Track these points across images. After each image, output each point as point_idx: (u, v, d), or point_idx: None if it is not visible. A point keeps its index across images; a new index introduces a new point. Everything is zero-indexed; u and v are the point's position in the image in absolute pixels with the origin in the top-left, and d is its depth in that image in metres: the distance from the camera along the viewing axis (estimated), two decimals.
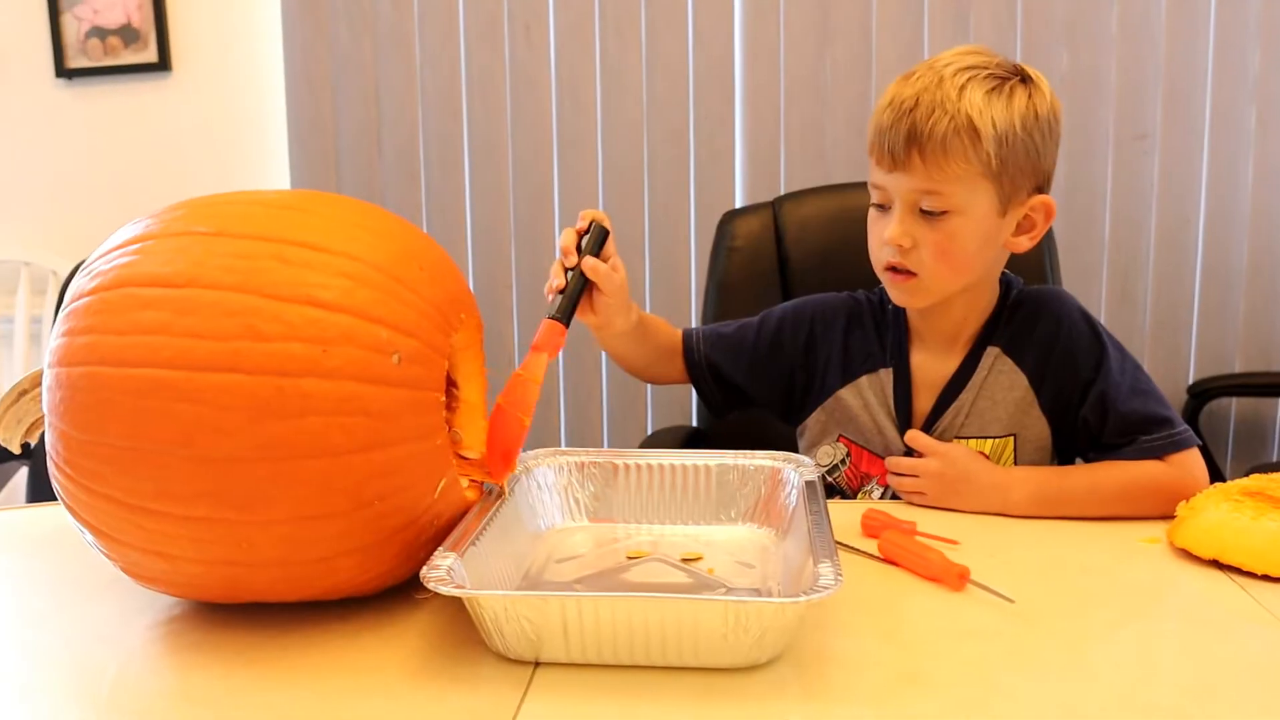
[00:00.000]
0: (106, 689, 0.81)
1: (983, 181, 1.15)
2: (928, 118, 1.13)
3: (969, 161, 1.13)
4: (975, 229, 1.17)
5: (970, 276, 1.21)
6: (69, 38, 2.62)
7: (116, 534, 0.84)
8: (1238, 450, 2.44)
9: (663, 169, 2.47)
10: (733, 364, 1.36)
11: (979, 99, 1.13)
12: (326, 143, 2.54)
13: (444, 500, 0.89)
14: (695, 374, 1.37)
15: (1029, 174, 1.18)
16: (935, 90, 1.14)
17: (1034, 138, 1.16)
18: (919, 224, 1.17)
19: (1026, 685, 0.79)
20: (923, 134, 1.13)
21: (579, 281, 1.13)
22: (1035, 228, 1.21)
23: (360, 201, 0.95)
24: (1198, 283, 2.40)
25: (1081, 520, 1.13)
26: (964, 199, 1.15)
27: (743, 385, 1.36)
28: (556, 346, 1.07)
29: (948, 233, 1.16)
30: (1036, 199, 1.20)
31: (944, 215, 1.16)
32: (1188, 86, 2.33)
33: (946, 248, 1.17)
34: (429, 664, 0.82)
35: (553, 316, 1.09)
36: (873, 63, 2.38)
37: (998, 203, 1.17)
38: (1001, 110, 1.14)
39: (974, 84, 1.14)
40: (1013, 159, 1.15)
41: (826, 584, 0.77)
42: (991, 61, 1.17)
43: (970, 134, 1.13)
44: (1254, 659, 0.83)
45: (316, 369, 0.80)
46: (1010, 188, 1.17)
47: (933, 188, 1.15)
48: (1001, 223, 1.19)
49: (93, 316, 0.83)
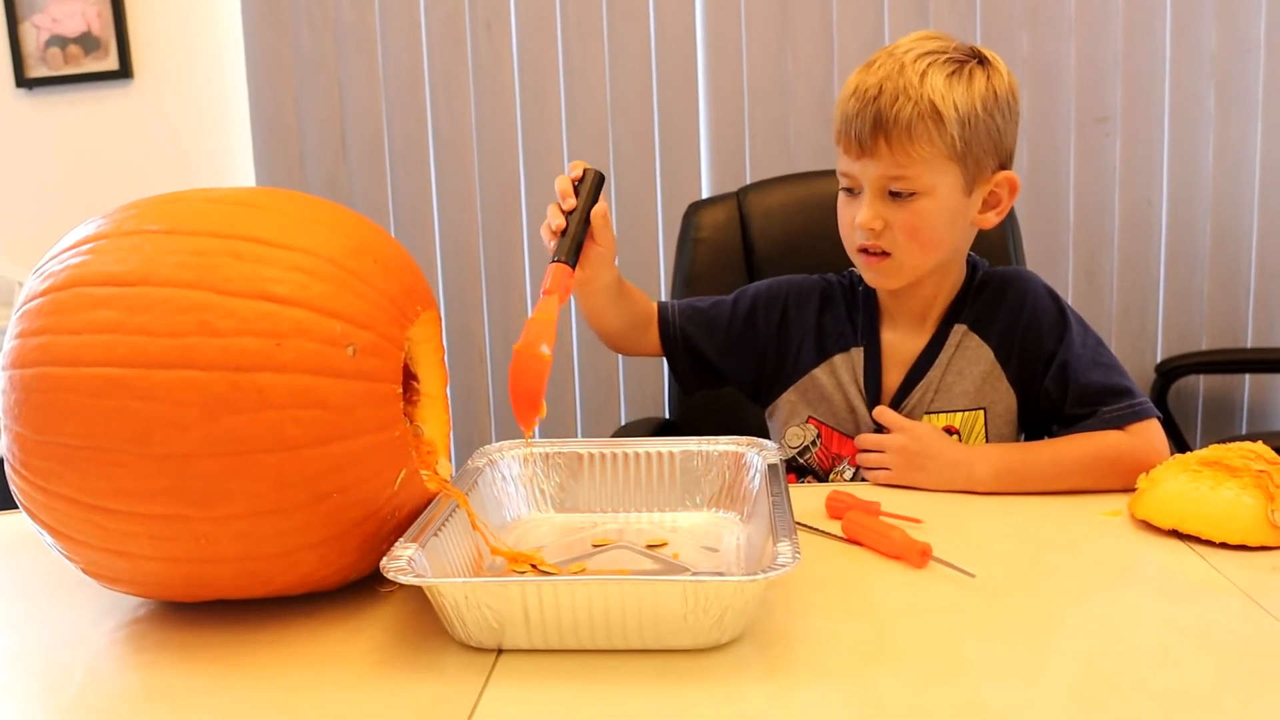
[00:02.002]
0: (72, 690, 0.80)
1: (948, 163, 1.18)
2: (892, 104, 1.16)
3: (934, 144, 1.16)
4: (943, 208, 1.19)
5: (941, 254, 1.24)
6: (28, 47, 2.60)
7: (75, 534, 0.84)
8: (1206, 427, 2.47)
9: (628, 163, 2.48)
10: (707, 338, 1.37)
11: (940, 83, 1.16)
12: (291, 145, 2.54)
13: (404, 492, 0.89)
14: (669, 346, 1.37)
15: (992, 153, 1.20)
16: (897, 77, 1.17)
17: (995, 118, 1.19)
18: (889, 206, 1.19)
19: (989, 656, 0.79)
20: (888, 120, 1.16)
21: (581, 223, 1.11)
22: (1001, 203, 1.24)
23: (313, 196, 0.95)
24: (1162, 263, 2.43)
25: (1044, 495, 1.14)
26: (931, 180, 1.18)
27: (715, 361, 1.37)
28: (567, 289, 1.06)
29: (917, 212, 1.19)
30: (1000, 175, 1.22)
31: (912, 197, 1.18)
32: (1147, 69, 2.36)
33: (917, 227, 1.19)
34: (392, 655, 0.82)
35: (558, 259, 1.07)
36: (834, 53, 2.39)
37: (963, 182, 1.20)
38: (963, 93, 1.16)
39: (934, 69, 1.17)
40: (976, 139, 1.18)
41: (784, 562, 0.78)
42: (949, 46, 1.20)
43: (934, 118, 1.15)
44: (1212, 625, 0.84)
45: (271, 363, 0.80)
46: (975, 167, 1.19)
47: (900, 172, 1.17)
48: (968, 201, 1.21)
49: (45, 317, 0.83)
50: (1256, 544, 0.97)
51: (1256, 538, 0.97)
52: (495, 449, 1.12)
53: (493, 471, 1.09)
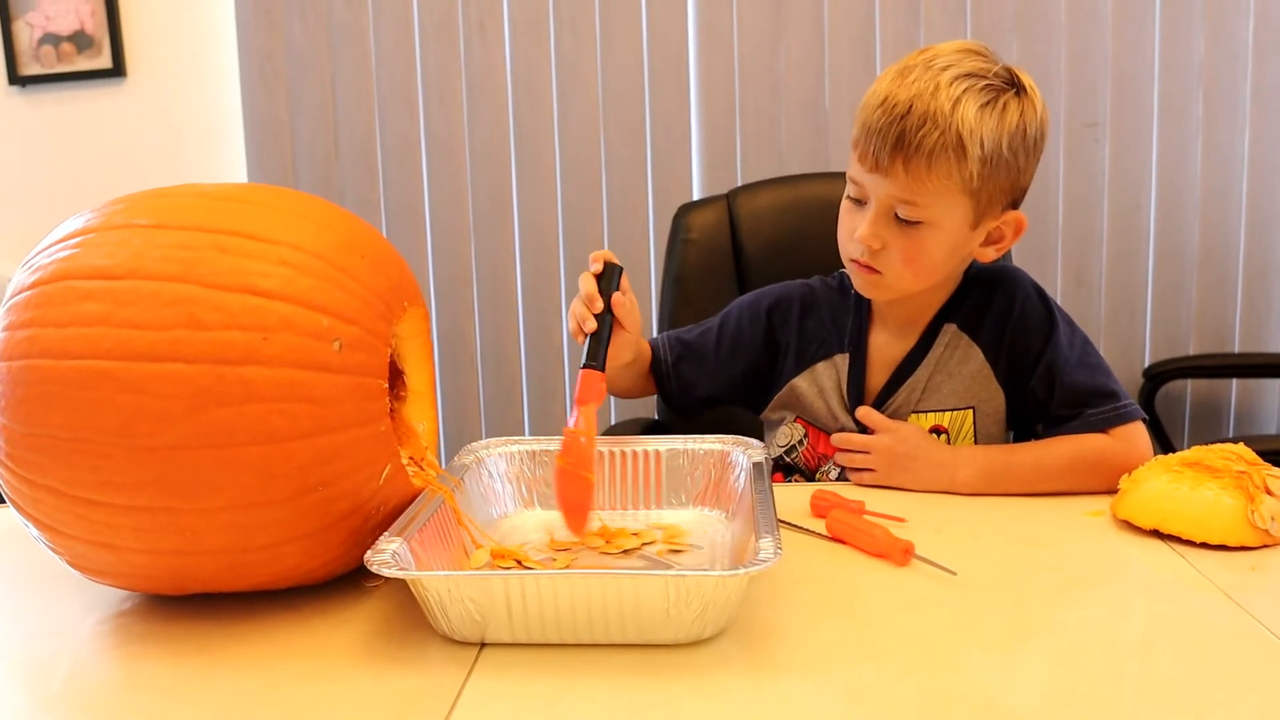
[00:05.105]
0: (58, 682, 0.81)
1: (960, 197, 1.15)
2: (918, 129, 1.12)
3: (951, 178, 1.13)
4: (945, 241, 1.18)
5: (932, 281, 1.23)
6: (21, 45, 2.59)
7: (61, 526, 0.84)
8: (1193, 432, 2.48)
9: (620, 164, 2.48)
10: (698, 371, 1.36)
11: (971, 115, 1.12)
12: (284, 144, 2.54)
13: (389, 486, 0.90)
14: (664, 386, 1.37)
15: (1006, 191, 1.18)
16: (930, 99, 1.12)
17: (1018, 157, 1.16)
18: (891, 228, 1.17)
19: (970, 651, 0.80)
20: (910, 144, 1.12)
21: (608, 325, 1.12)
22: (1003, 240, 1.22)
23: (300, 192, 0.95)
24: (1151, 268, 2.44)
25: (1028, 496, 1.15)
26: (939, 212, 1.15)
27: (710, 390, 1.37)
28: (601, 394, 1.06)
29: (918, 241, 1.17)
30: (1009, 215, 1.20)
31: (917, 225, 1.16)
32: (1136, 75, 2.37)
33: (914, 256, 1.18)
34: (375, 648, 0.83)
35: (590, 365, 1.08)
36: (825, 55, 2.40)
37: (972, 216, 1.17)
38: (992, 129, 1.12)
39: (969, 96, 1.12)
40: (994, 178, 1.15)
41: (766, 557, 0.79)
42: (989, 70, 1.15)
43: (958, 151, 1.12)
44: (1192, 622, 0.84)
45: (257, 356, 0.80)
46: (986, 204, 1.17)
47: (911, 198, 1.15)
48: (972, 235, 1.19)
49: (33, 310, 0.83)
50: (1236, 544, 0.98)
51: (1236, 537, 0.98)
52: (482, 446, 1.12)
53: (479, 468, 1.09)
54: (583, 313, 1.12)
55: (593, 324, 1.11)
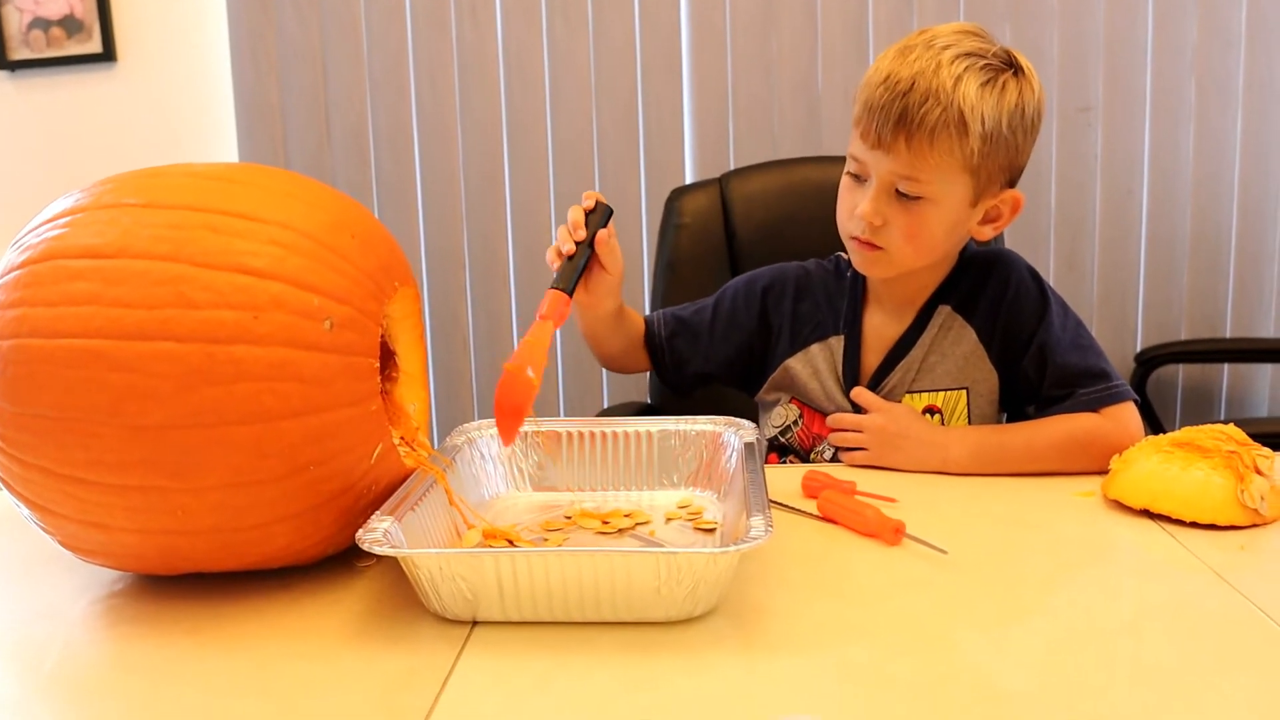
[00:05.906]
0: (50, 663, 0.81)
1: (961, 174, 1.16)
2: (920, 105, 1.13)
3: (952, 154, 1.14)
4: (945, 217, 1.19)
5: (933, 257, 1.24)
6: (11, 29, 2.58)
7: (52, 506, 0.84)
8: (1185, 416, 2.49)
9: (612, 148, 2.48)
10: (692, 347, 1.37)
11: (973, 92, 1.13)
12: (275, 129, 2.53)
13: (381, 466, 0.90)
14: (658, 359, 1.38)
15: (1004, 169, 1.19)
16: (932, 76, 1.13)
17: (1016, 136, 1.17)
18: (892, 204, 1.18)
19: (960, 630, 0.80)
20: (913, 120, 1.13)
21: (585, 255, 1.13)
22: (1001, 218, 1.23)
23: (291, 172, 0.95)
24: (1143, 252, 2.44)
25: (1019, 476, 1.15)
26: (940, 188, 1.16)
27: (703, 367, 1.38)
28: (562, 316, 1.07)
29: (919, 217, 1.18)
30: (1007, 193, 1.21)
31: (918, 200, 1.17)
32: (1128, 60, 2.37)
33: (915, 231, 1.19)
34: (367, 627, 0.83)
35: (557, 286, 1.08)
36: (818, 39, 2.40)
37: (971, 194, 1.18)
38: (992, 106, 1.14)
39: (970, 74, 1.14)
40: (993, 155, 1.16)
41: (757, 535, 0.79)
42: (988, 50, 1.16)
43: (959, 127, 1.13)
44: (1182, 601, 0.85)
45: (247, 335, 0.80)
46: (985, 181, 1.18)
47: (912, 174, 1.16)
48: (971, 212, 1.21)
49: (22, 289, 0.83)
50: (1226, 523, 0.98)
51: (1226, 517, 0.98)
52: (474, 427, 1.12)
53: (471, 449, 1.09)
54: (564, 237, 1.13)
55: (571, 248, 1.12)
